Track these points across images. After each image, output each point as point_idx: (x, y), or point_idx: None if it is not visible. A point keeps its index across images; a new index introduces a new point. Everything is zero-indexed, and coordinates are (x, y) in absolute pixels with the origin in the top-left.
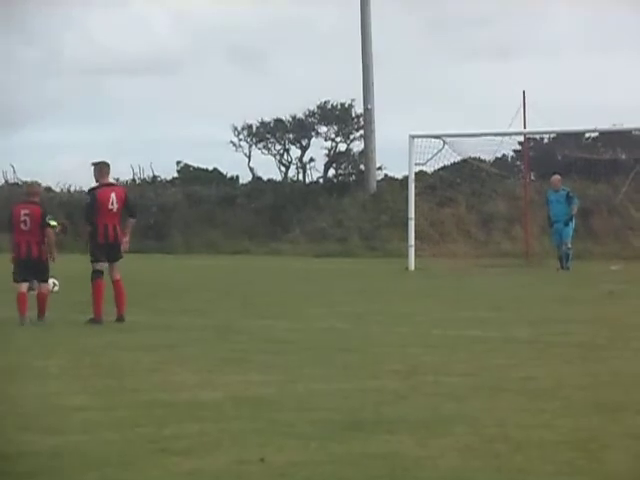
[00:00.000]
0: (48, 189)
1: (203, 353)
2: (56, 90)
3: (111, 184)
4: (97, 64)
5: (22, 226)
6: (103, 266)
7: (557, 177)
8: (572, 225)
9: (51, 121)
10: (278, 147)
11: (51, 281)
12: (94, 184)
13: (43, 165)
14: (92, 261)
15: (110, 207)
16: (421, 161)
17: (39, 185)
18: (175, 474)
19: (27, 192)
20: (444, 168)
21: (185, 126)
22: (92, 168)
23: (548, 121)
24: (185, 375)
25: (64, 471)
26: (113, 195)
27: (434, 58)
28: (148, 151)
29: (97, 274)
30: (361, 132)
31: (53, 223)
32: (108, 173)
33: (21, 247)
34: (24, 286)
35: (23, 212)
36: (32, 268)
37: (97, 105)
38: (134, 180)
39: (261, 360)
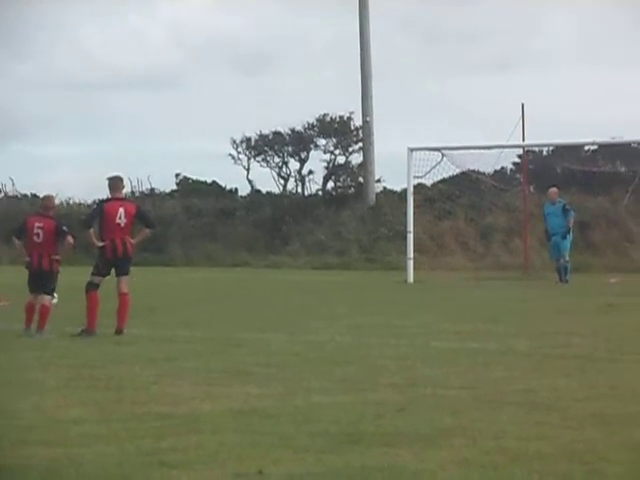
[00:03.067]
0: None
1: (202, 366)
2: (54, 104)
3: (121, 199)
4: (95, 78)
5: (35, 238)
6: (101, 280)
7: (554, 190)
8: (570, 238)
9: (50, 135)
10: (277, 160)
11: None
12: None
13: (42, 178)
14: (92, 273)
15: (118, 221)
16: (420, 174)
17: (54, 199)
18: None
19: (42, 205)
20: (443, 181)
21: (184, 139)
22: (107, 182)
23: (547, 134)
24: (184, 388)
25: None
26: (122, 210)
27: (433, 71)
28: (147, 164)
29: (92, 286)
30: (360, 144)
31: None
32: (121, 188)
33: (33, 259)
34: (32, 297)
35: (37, 225)
36: (41, 279)
37: (96, 119)
38: (132, 193)
39: (260, 373)
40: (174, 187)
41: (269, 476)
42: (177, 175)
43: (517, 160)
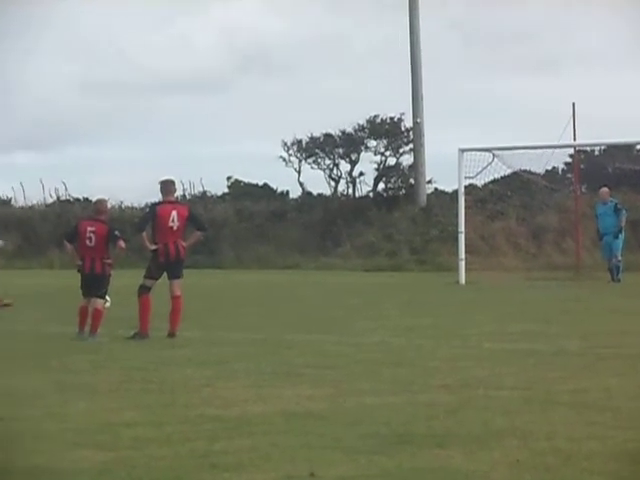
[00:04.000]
0: None
1: (253, 368)
2: (106, 108)
3: (174, 202)
4: (146, 82)
5: (87, 242)
6: (153, 283)
7: (605, 189)
8: (622, 237)
9: (102, 139)
10: (328, 162)
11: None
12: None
13: (94, 182)
14: (144, 276)
15: (170, 224)
16: (471, 174)
17: (106, 203)
18: None
19: (95, 209)
20: (494, 181)
21: (235, 142)
22: (159, 185)
23: (598, 133)
24: (235, 390)
25: None
26: (174, 213)
27: (484, 71)
28: (198, 167)
29: (144, 289)
30: (411, 146)
31: None
32: (173, 191)
33: (85, 262)
34: (85, 300)
35: (89, 229)
36: (94, 283)
37: (148, 123)
38: (184, 196)
39: (311, 374)
40: (226, 190)
41: (321, 478)
42: (228, 178)
43: (568, 160)
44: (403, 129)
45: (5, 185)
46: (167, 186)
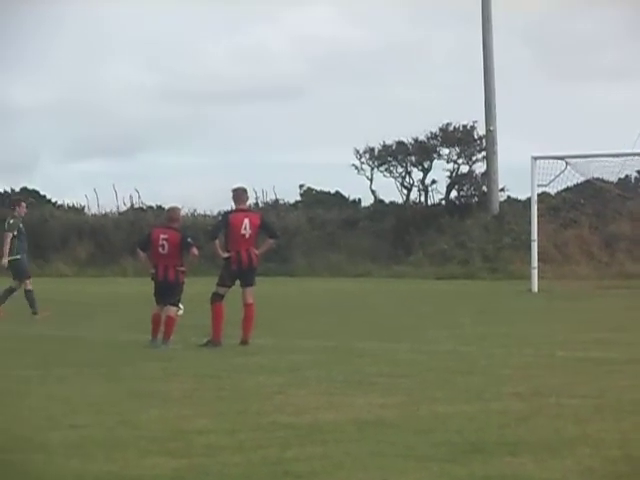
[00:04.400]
0: None
1: (325, 375)
2: (179, 116)
3: (246, 210)
4: (219, 90)
5: (160, 250)
6: (226, 291)
7: None
8: None
9: (175, 146)
10: (400, 169)
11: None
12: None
13: (167, 189)
14: (217, 284)
15: (242, 232)
16: (544, 182)
17: (179, 211)
18: None
19: (168, 217)
20: (567, 189)
21: (307, 150)
22: (231, 193)
23: None
24: (308, 397)
25: None
26: (246, 221)
27: (555, 79)
28: (271, 175)
29: (217, 297)
30: (483, 154)
31: None
32: (245, 199)
33: (159, 270)
34: (159, 308)
35: (162, 236)
36: (167, 291)
37: (220, 130)
38: (257, 204)
39: (383, 382)
40: (298, 198)
41: None
42: (301, 186)
43: None
44: (476, 137)
45: (79, 192)
46: (239, 194)
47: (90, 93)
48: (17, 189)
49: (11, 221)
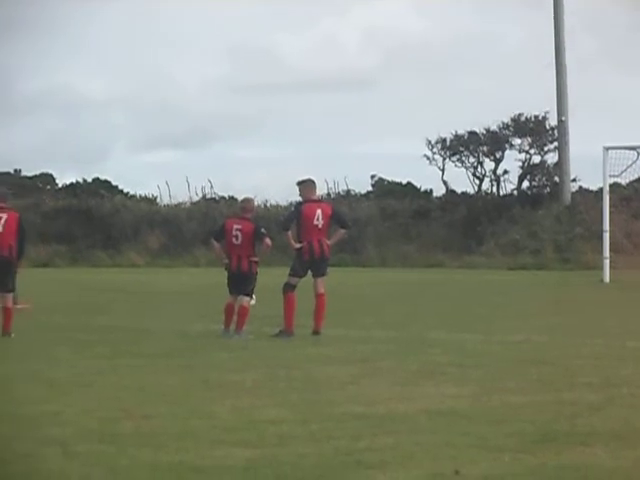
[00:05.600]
0: None
1: (397, 366)
2: (251, 108)
3: (318, 200)
4: (291, 82)
5: (234, 240)
6: (298, 281)
7: None
8: None
9: (248, 138)
10: (472, 160)
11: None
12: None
13: (239, 180)
14: (289, 274)
15: (315, 223)
16: (615, 173)
17: (253, 202)
18: None
19: (241, 208)
20: (639, 180)
21: (379, 140)
22: (298, 186)
23: None
24: (379, 388)
25: None
26: (319, 211)
27: (627, 69)
28: (343, 165)
29: (289, 287)
30: (555, 144)
31: None
32: (314, 190)
33: (232, 260)
34: (232, 298)
35: (235, 227)
36: (240, 281)
37: (292, 122)
38: (329, 194)
39: (455, 373)
40: (370, 188)
41: (465, 476)
42: (372, 176)
43: None
44: (548, 127)
45: (151, 183)
46: (308, 185)
47: (163, 86)
48: (89, 180)
49: None
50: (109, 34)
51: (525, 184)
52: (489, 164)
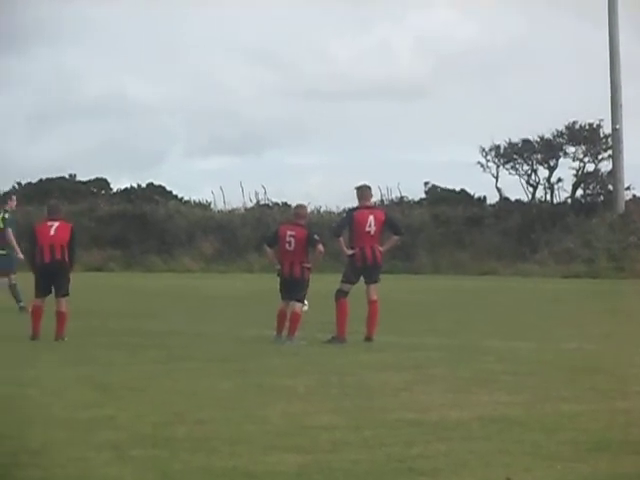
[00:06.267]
0: None
1: (450, 373)
2: (304, 114)
3: (370, 207)
4: (344, 89)
5: (287, 246)
6: (350, 288)
7: None
8: None
9: (300, 144)
10: (526, 167)
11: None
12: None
13: (292, 187)
14: (342, 281)
15: (367, 229)
16: None
17: (306, 208)
18: None
19: (295, 214)
20: None
21: (432, 148)
22: (355, 191)
23: None
24: (432, 395)
25: None
26: (371, 218)
27: None
28: (396, 172)
29: (341, 294)
30: (609, 152)
31: None
32: (369, 196)
33: (284, 266)
34: (284, 304)
35: (289, 233)
36: (292, 287)
37: (345, 129)
38: (382, 201)
39: (508, 381)
40: (423, 195)
41: None
42: (426, 183)
43: None
44: (602, 135)
45: (205, 189)
46: (364, 191)
47: (218, 92)
48: (143, 185)
49: (7, 216)
50: (166, 40)
51: (579, 192)
52: (543, 172)
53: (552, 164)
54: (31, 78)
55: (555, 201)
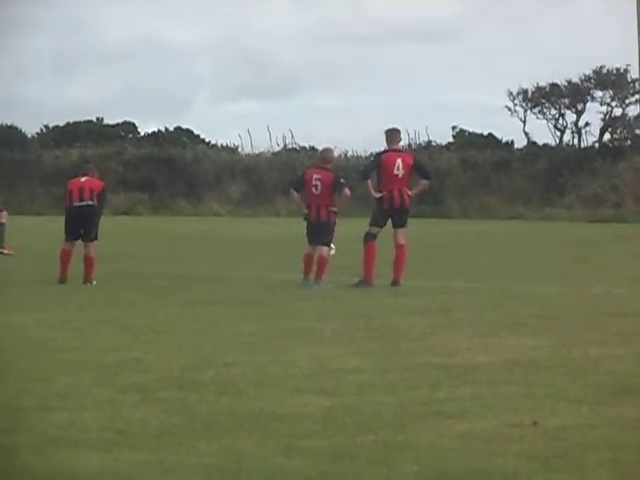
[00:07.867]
0: None
1: (477, 317)
2: (332, 58)
3: (398, 150)
4: (373, 32)
5: (313, 190)
6: (378, 231)
7: None
8: None
9: (327, 88)
10: (553, 112)
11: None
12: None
13: (320, 130)
14: (370, 224)
15: (395, 172)
16: None
17: (333, 152)
18: (448, 436)
19: (321, 158)
20: None
21: (461, 91)
22: (384, 135)
23: None
24: (459, 339)
25: (338, 433)
26: (399, 161)
27: None
28: (424, 116)
29: (370, 237)
30: (636, 97)
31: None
32: (398, 140)
33: (311, 210)
34: (311, 248)
35: (315, 177)
36: (319, 231)
37: (373, 72)
38: (410, 145)
39: (535, 324)
40: (450, 139)
41: (543, 427)
42: (454, 127)
43: None
44: (629, 80)
45: (232, 133)
46: (392, 135)
47: (247, 36)
48: (171, 128)
49: None
50: None
51: (606, 137)
52: (570, 116)
53: (579, 108)
54: (58, 22)
55: (582, 145)
